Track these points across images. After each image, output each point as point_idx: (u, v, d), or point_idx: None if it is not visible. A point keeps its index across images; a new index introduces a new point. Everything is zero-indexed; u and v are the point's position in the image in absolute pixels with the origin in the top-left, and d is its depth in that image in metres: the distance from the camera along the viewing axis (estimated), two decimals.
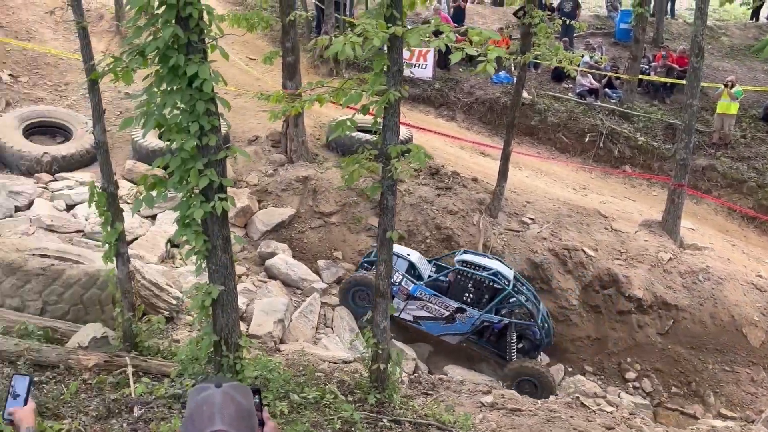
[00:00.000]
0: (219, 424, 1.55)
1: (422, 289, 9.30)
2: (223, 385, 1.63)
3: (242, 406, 1.61)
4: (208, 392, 1.60)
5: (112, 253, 5.55)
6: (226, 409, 1.57)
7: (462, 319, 9.14)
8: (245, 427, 1.59)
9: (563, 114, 14.85)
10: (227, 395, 1.60)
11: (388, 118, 5.18)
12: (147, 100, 4.47)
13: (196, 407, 1.59)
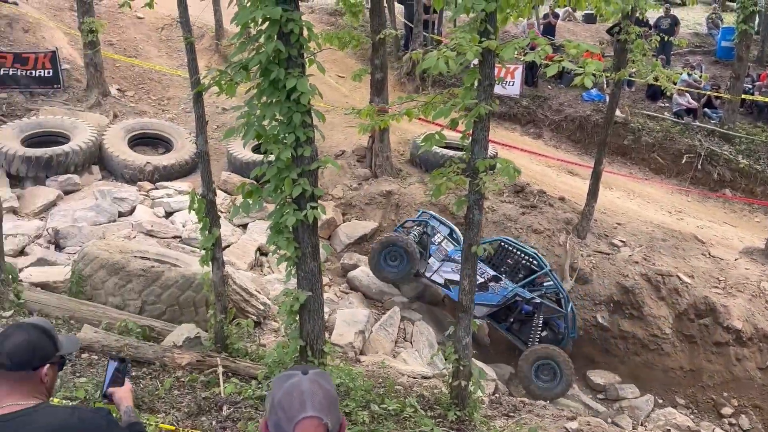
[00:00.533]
0: (310, 410, 1.56)
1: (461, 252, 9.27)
2: (309, 372, 1.64)
3: (329, 393, 1.62)
4: (295, 379, 1.61)
5: (209, 258, 5.80)
6: (315, 395, 1.58)
7: (495, 288, 9.03)
8: (333, 413, 1.60)
9: (658, 134, 14.26)
10: (315, 382, 1.61)
11: (477, 132, 5.17)
12: (248, 112, 4.70)
13: (285, 394, 1.59)
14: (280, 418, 1.57)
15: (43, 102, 12.55)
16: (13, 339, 2.01)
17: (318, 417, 1.56)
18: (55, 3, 16.17)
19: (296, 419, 1.55)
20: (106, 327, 5.83)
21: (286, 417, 1.56)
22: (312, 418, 1.55)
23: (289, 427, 1.55)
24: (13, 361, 1.99)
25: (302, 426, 1.55)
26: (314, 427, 1.55)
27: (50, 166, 10.53)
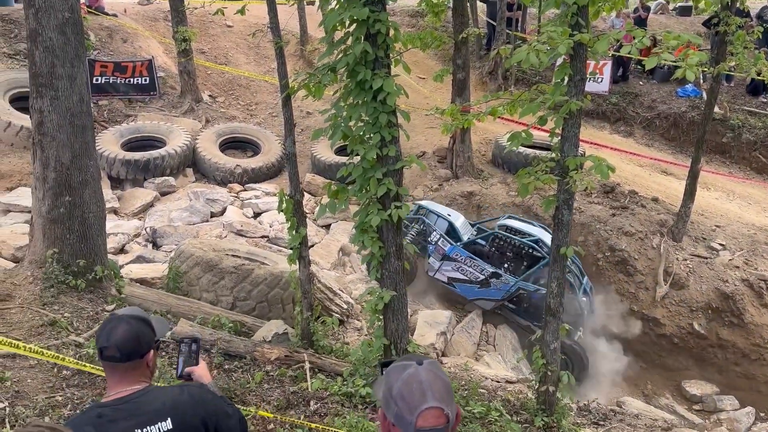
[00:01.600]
0: (431, 400, 1.56)
1: (458, 251, 9.15)
2: (424, 362, 1.64)
3: (446, 382, 1.62)
4: (411, 369, 1.62)
5: (296, 256, 5.95)
6: (434, 385, 1.59)
7: (497, 284, 8.89)
8: (451, 403, 1.60)
9: (761, 131, 13.36)
10: (431, 372, 1.61)
11: (567, 130, 5.03)
12: (334, 114, 4.78)
13: (405, 384, 1.60)
14: (401, 408, 1.58)
15: (141, 108, 13.30)
16: (119, 332, 2.13)
17: (439, 407, 1.57)
18: (151, 14, 17.11)
19: (419, 409, 1.56)
20: (200, 321, 6.09)
21: (408, 407, 1.57)
22: (434, 408, 1.57)
23: (412, 418, 1.56)
24: (123, 352, 2.12)
25: (424, 416, 1.56)
26: (436, 417, 1.56)
27: (148, 169, 11.14)
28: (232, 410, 2.27)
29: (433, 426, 1.56)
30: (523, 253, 9.02)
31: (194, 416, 2.12)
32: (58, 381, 4.53)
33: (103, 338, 2.12)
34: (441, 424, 1.57)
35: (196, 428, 2.11)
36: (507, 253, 9.16)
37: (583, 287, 8.93)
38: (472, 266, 9.20)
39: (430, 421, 1.56)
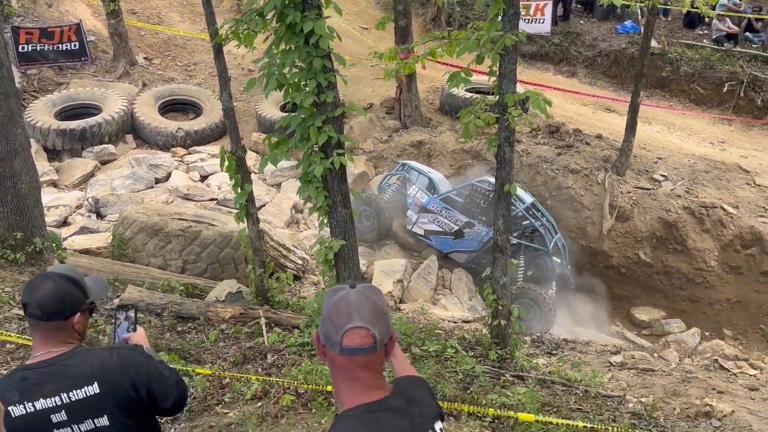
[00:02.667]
0: (357, 320, 1.57)
1: (434, 202, 9.37)
2: (357, 286, 1.65)
3: (377, 305, 1.63)
4: (343, 292, 1.63)
5: (243, 214, 5.86)
6: (363, 307, 1.59)
7: (470, 234, 9.11)
8: (382, 325, 1.61)
9: (698, 63, 13.64)
10: (362, 294, 1.62)
11: (504, 66, 5.01)
12: (268, 62, 4.64)
13: (334, 307, 1.61)
14: (329, 328, 1.60)
15: (73, 75, 12.71)
16: (42, 290, 2.02)
17: (365, 327, 1.58)
18: None
19: (344, 329, 1.57)
20: (149, 286, 5.99)
21: (334, 327, 1.59)
22: (359, 328, 1.58)
23: (337, 337, 1.58)
24: (44, 311, 2.00)
25: (349, 335, 1.57)
26: (361, 336, 1.58)
27: (85, 138, 10.73)
28: (169, 372, 2.18)
29: (359, 345, 1.57)
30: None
31: (123, 379, 2.02)
32: (2, 355, 4.41)
33: (26, 294, 2.03)
34: (367, 344, 1.58)
35: (126, 391, 2.02)
36: (482, 205, 9.25)
37: (555, 243, 9.05)
38: (447, 217, 9.33)
39: (355, 340, 1.57)
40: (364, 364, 1.60)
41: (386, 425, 1.60)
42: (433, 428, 1.68)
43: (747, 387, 5.77)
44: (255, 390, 4.15)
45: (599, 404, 4.79)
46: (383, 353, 1.65)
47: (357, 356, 1.58)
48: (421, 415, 1.68)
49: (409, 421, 1.64)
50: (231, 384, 4.29)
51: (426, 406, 1.73)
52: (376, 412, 1.60)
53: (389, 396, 1.65)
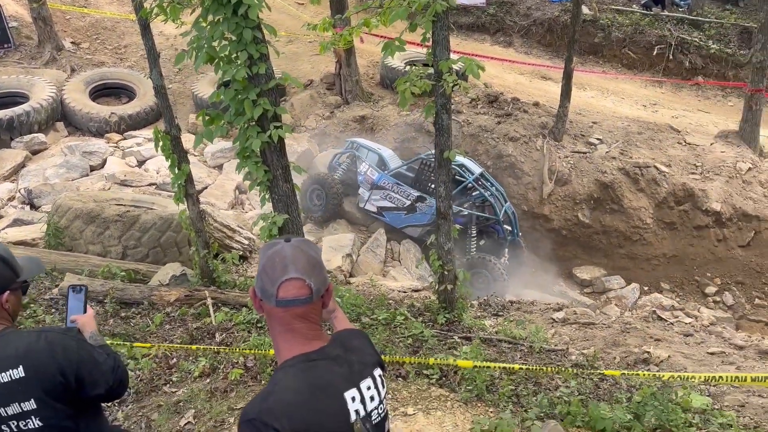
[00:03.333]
0: (293, 272, 1.59)
1: (386, 178, 9.47)
2: (293, 240, 1.67)
3: (313, 258, 1.65)
4: (278, 246, 1.65)
5: (182, 194, 5.74)
6: (298, 259, 1.61)
7: (422, 208, 9.20)
8: (317, 276, 1.63)
9: (628, 28, 14.04)
10: (297, 248, 1.64)
11: (437, 33, 5.04)
12: (196, 36, 4.52)
13: (269, 260, 1.63)
14: (264, 281, 1.62)
15: None
16: None
17: (301, 278, 1.60)
18: None
19: (279, 281, 1.59)
20: (88, 274, 5.82)
21: (270, 280, 1.60)
22: (295, 279, 1.60)
23: (273, 289, 1.59)
24: None
25: (285, 287, 1.59)
26: (297, 288, 1.60)
27: (13, 128, 10.26)
28: (104, 358, 2.12)
29: (295, 296, 1.59)
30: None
31: (50, 364, 1.96)
32: None
33: None
34: (303, 295, 1.60)
35: (53, 376, 1.96)
36: (432, 178, 9.21)
37: (504, 211, 9.16)
38: (398, 192, 9.36)
39: (291, 291, 1.59)
40: (301, 315, 1.62)
41: (324, 373, 1.62)
42: (372, 375, 1.71)
43: (682, 333, 6.07)
44: (203, 367, 4.13)
45: (543, 358, 4.96)
46: (320, 304, 1.67)
47: (293, 307, 1.60)
48: (360, 362, 1.71)
49: (348, 368, 1.66)
50: (178, 363, 4.25)
51: (365, 354, 1.76)
52: (314, 361, 1.62)
53: (327, 346, 1.68)
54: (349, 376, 1.65)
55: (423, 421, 3.37)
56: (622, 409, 3.50)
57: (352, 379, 1.65)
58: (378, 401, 1.69)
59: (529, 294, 8.65)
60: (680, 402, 3.88)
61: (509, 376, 4.06)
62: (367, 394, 1.66)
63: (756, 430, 3.95)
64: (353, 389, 1.64)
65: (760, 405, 4.50)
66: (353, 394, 1.63)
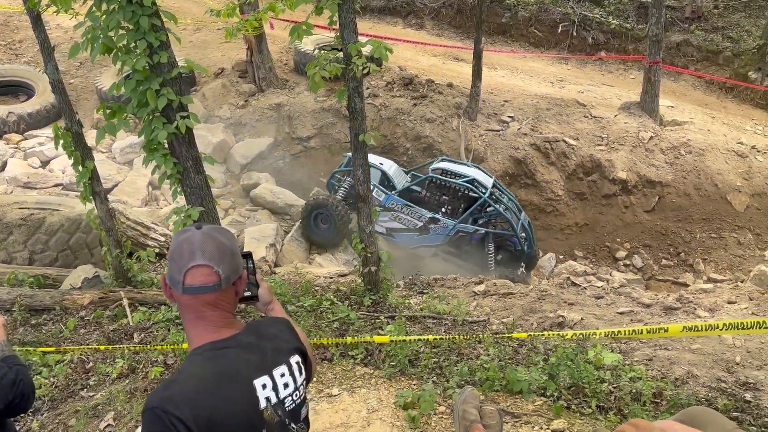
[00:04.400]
0: (200, 259, 1.57)
1: (394, 199, 8.98)
2: (204, 227, 1.64)
3: (224, 245, 1.62)
4: (188, 233, 1.62)
5: (88, 193, 5.50)
6: (206, 246, 1.59)
7: (436, 229, 8.82)
8: (227, 264, 1.61)
9: (533, 7, 14.49)
10: (207, 235, 1.61)
11: (343, 16, 5.03)
12: (91, 26, 4.32)
13: (177, 247, 1.60)
14: (172, 268, 1.60)
15: None
16: None
17: (208, 265, 1.58)
18: None
19: (186, 268, 1.57)
20: None
21: (177, 267, 1.58)
22: (202, 266, 1.57)
23: (180, 276, 1.57)
24: None
25: (192, 273, 1.57)
26: (204, 275, 1.58)
27: None
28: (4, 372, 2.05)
29: (202, 284, 1.58)
30: (459, 195, 8.84)
31: None
32: None
33: None
34: (211, 282, 1.58)
35: None
36: (443, 197, 8.94)
37: (521, 224, 8.94)
38: (409, 214, 8.88)
39: (198, 278, 1.58)
40: (211, 303, 1.61)
41: (232, 360, 1.60)
42: (287, 362, 1.70)
43: (594, 296, 6.40)
44: (121, 368, 4.00)
45: (466, 330, 5.11)
46: (232, 292, 1.66)
47: (202, 295, 1.59)
48: (275, 349, 1.70)
49: (260, 356, 1.65)
50: (95, 366, 4.10)
51: (281, 341, 1.75)
52: (223, 349, 1.61)
53: (240, 333, 1.67)
54: (261, 364, 1.64)
55: (348, 400, 3.42)
56: (538, 370, 3.67)
57: (263, 367, 1.64)
58: (293, 388, 1.69)
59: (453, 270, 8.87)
60: (593, 360, 4.11)
61: (432, 350, 4.17)
62: (280, 381, 1.66)
63: (663, 380, 4.24)
64: (264, 376, 1.63)
65: (666, 357, 4.83)
66: (264, 381, 1.62)
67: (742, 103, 12.79)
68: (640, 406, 3.49)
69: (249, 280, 1.91)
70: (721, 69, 13.10)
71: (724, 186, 10.14)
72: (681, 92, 13.09)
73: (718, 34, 13.40)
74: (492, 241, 8.88)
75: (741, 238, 9.94)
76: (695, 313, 5.76)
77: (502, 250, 9.09)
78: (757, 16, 13.60)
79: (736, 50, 13.04)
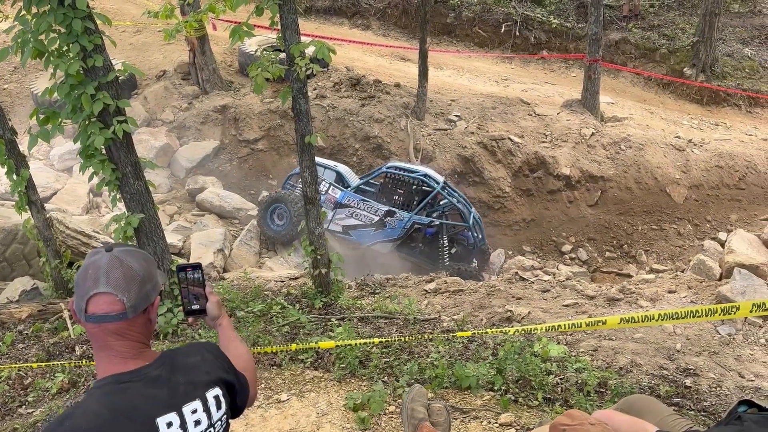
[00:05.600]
0: (103, 286, 1.49)
1: (350, 195, 9.11)
2: (114, 249, 1.56)
3: (132, 270, 1.53)
4: (97, 257, 1.54)
5: (24, 202, 5.31)
6: (112, 272, 1.51)
7: (392, 223, 8.92)
8: (135, 292, 1.52)
9: (476, 7, 14.72)
10: (115, 258, 1.53)
11: (285, 17, 4.99)
12: (21, 30, 4.15)
13: (83, 271, 1.52)
14: (77, 294, 1.52)
15: None
16: None
17: (111, 293, 1.49)
18: None
19: (88, 294, 1.49)
20: None
21: (80, 293, 1.51)
22: (105, 294, 1.49)
23: (83, 303, 1.50)
24: None
25: (94, 301, 1.50)
26: (108, 303, 1.49)
27: None
28: None
29: (105, 312, 1.49)
30: (413, 189, 8.94)
31: None
32: None
33: None
34: (114, 311, 1.50)
35: None
36: (398, 191, 9.00)
37: (473, 217, 9.04)
38: (365, 209, 8.92)
39: (101, 307, 1.49)
40: (116, 332, 1.52)
41: (132, 397, 1.49)
42: (203, 396, 1.59)
43: (540, 290, 6.54)
44: (61, 383, 3.86)
45: (418, 329, 5.15)
46: (143, 320, 1.57)
47: (105, 324, 1.50)
48: (189, 382, 1.59)
49: (169, 390, 1.54)
50: (34, 382, 3.94)
51: (199, 372, 1.63)
52: (125, 383, 1.51)
53: (149, 366, 1.56)
54: (169, 400, 1.53)
55: (297, 405, 3.39)
56: (486, 366, 3.73)
57: (171, 403, 1.53)
58: (206, 425, 1.58)
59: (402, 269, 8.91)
60: (539, 353, 4.20)
61: (383, 350, 4.18)
62: (190, 419, 1.54)
63: (608, 369, 4.37)
64: (171, 414, 1.52)
65: (611, 347, 4.98)
66: (170, 419, 1.51)
67: (679, 98, 13.30)
68: (585, 397, 3.58)
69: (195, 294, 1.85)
70: (658, 66, 13.58)
71: (663, 179, 10.52)
72: (620, 89, 13.52)
73: (655, 32, 13.89)
74: (446, 235, 9.04)
75: (681, 229, 10.33)
76: (637, 303, 5.95)
77: (456, 244, 9.26)
78: (690, 14, 14.17)
79: (671, 47, 13.54)
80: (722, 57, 12.99)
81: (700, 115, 12.43)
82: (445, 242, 8.99)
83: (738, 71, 12.89)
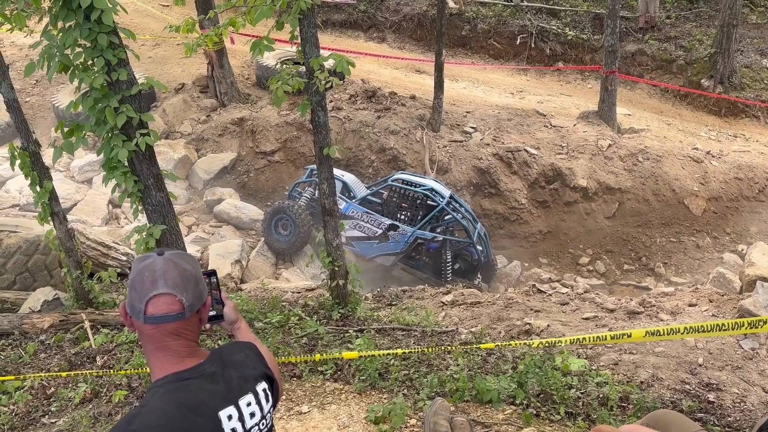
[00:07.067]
0: (162, 287, 1.53)
1: (354, 207, 9.11)
2: (166, 253, 1.60)
3: (187, 271, 1.59)
4: (150, 260, 1.58)
5: (47, 213, 5.38)
6: (168, 273, 1.55)
7: (395, 237, 8.92)
8: (191, 291, 1.58)
9: (492, 19, 14.74)
10: (170, 261, 1.58)
11: (305, 31, 5.05)
12: (48, 45, 4.24)
13: (138, 275, 1.56)
14: (133, 297, 1.55)
15: None
16: None
17: (171, 293, 1.54)
18: None
19: (147, 296, 1.53)
20: None
21: (138, 295, 1.54)
22: (164, 295, 1.54)
23: (141, 305, 1.53)
24: None
25: (154, 303, 1.54)
26: (167, 304, 1.54)
27: None
28: None
29: (165, 313, 1.54)
30: (418, 203, 8.93)
31: None
32: None
33: None
34: (174, 311, 1.55)
35: None
36: (402, 205, 9.00)
37: (477, 233, 9.01)
38: (369, 221, 8.93)
39: (161, 308, 1.54)
40: (174, 332, 1.56)
41: (196, 392, 1.56)
42: (254, 390, 1.67)
43: (559, 303, 6.50)
44: (84, 393, 3.89)
45: (435, 341, 5.13)
46: (196, 320, 1.62)
47: (164, 324, 1.54)
48: (241, 377, 1.66)
49: (225, 385, 1.61)
50: (57, 392, 3.98)
51: (247, 367, 1.71)
52: (186, 381, 1.57)
53: (204, 363, 1.63)
54: (226, 394, 1.61)
55: (318, 417, 3.39)
56: (507, 379, 3.70)
57: (229, 397, 1.60)
58: (259, 417, 1.66)
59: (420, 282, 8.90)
60: (560, 367, 4.17)
61: (402, 362, 4.17)
62: (246, 411, 1.62)
63: (629, 384, 4.32)
64: (230, 407, 1.59)
65: (632, 361, 4.93)
66: (230, 413, 1.58)
67: (696, 110, 13.20)
68: (608, 411, 3.54)
69: (213, 297, 1.86)
70: (675, 77, 13.50)
71: (681, 191, 10.43)
72: (637, 100, 13.46)
73: (671, 44, 13.82)
74: (449, 250, 9.00)
75: (699, 242, 10.22)
76: (658, 317, 5.89)
77: (459, 259, 9.22)
78: (707, 26, 14.10)
79: (688, 59, 13.46)
80: (740, 68, 12.89)
81: (718, 126, 12.34)
82: (449, 257, 8.96)
83: (757, 82, 12.78)
